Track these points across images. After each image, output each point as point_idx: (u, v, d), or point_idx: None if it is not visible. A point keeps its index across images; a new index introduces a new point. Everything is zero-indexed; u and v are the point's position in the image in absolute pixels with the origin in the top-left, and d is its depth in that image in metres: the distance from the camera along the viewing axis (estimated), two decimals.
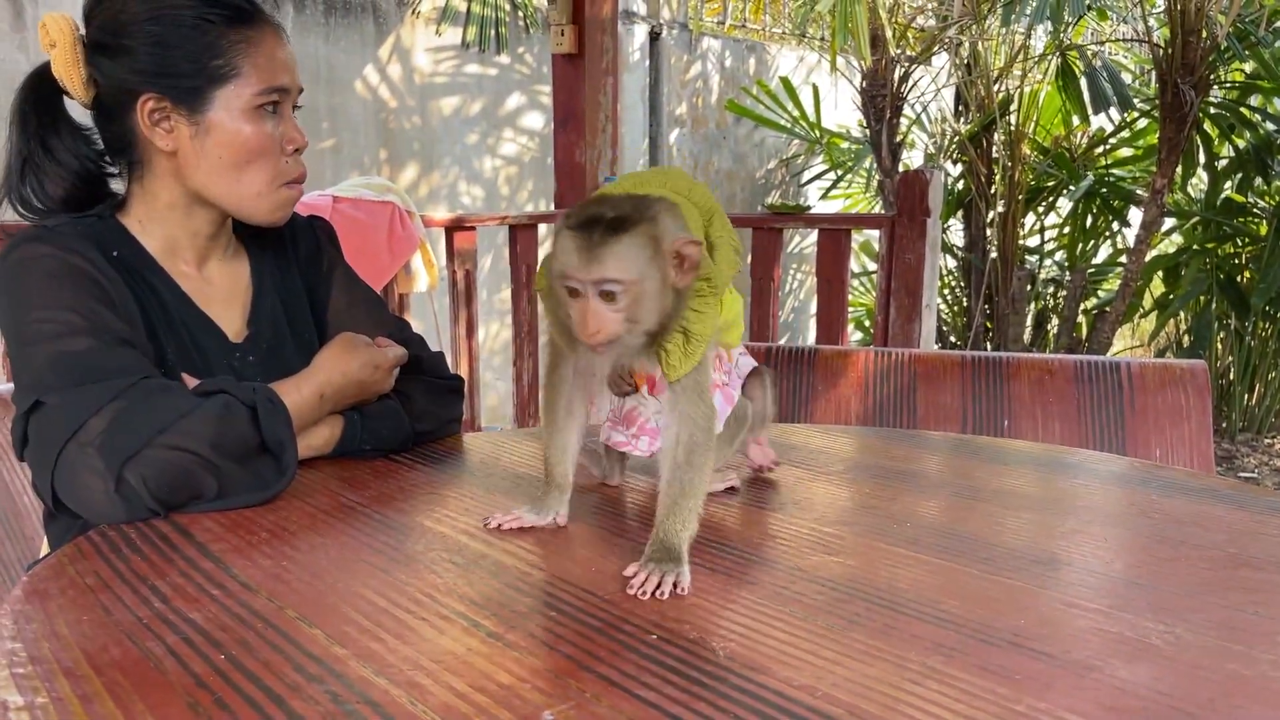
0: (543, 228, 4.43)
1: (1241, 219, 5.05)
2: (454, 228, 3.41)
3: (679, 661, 0.69)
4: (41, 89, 1.16)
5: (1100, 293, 5.73)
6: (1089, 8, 5.00)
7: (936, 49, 5.48)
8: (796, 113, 6.05)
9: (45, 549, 1.19)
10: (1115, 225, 5.58)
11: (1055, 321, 5.64)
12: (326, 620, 0.76)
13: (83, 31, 1.15)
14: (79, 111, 1.19)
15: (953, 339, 5.80)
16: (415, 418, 1.27)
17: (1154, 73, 4.71)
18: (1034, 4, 4.57)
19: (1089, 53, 4.98)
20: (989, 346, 5.47)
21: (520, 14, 5.48)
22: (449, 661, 0.69)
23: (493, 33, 5.26)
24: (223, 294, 1.24)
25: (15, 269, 1.08)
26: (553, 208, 4.08)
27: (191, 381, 1.10)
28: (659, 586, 0.81)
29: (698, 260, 0.86)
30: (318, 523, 0.99)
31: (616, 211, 0.84)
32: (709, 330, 0.90)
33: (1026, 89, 5.46)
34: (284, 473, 1.06)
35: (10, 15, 3.77)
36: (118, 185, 1.22)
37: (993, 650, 0.71)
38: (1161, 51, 4.42)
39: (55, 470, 0.99)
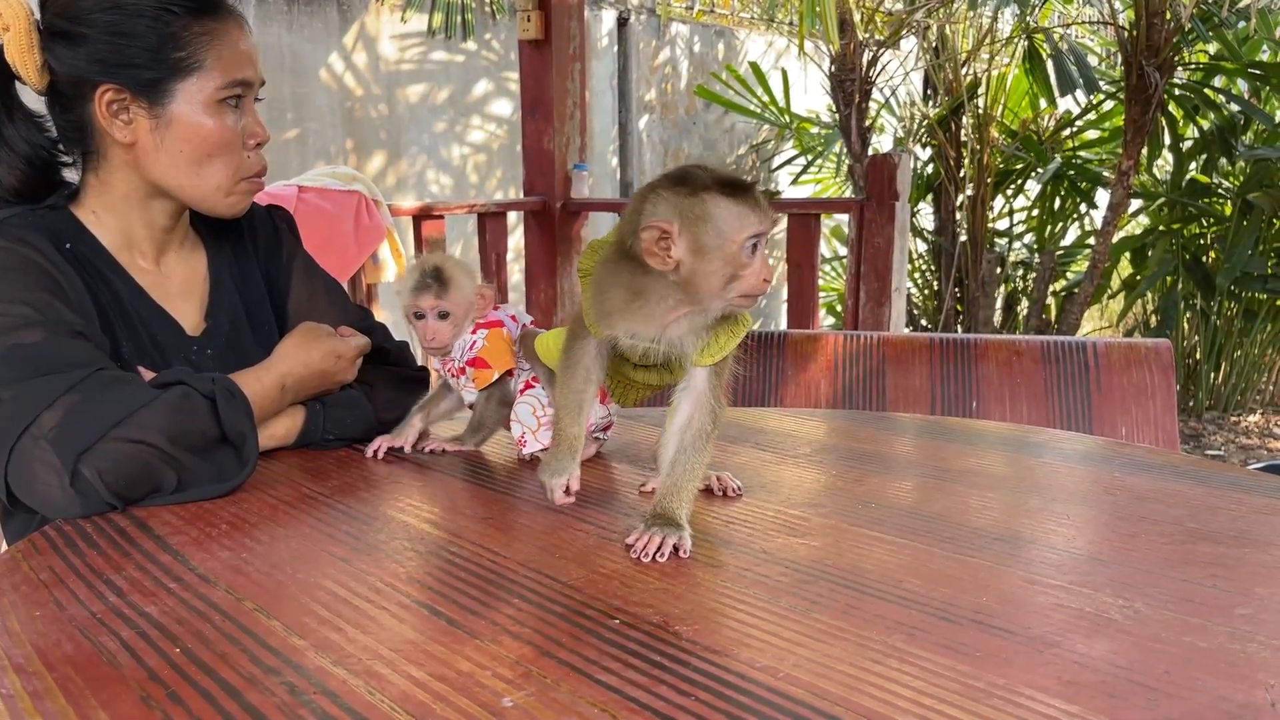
0: (512, 215, 4.40)
1: (1206, 200, 5.10)
2: (422, 216, 3.39)
3: (641, 645, 0.68)
4: None
5: (1069, 274, 5.77)
6: None
7: (904, 33, 5.49)
8: (766, 98, 6.05)
9: (3, 546, 1.17)
10: (1083, 207, 5.62)
11: (1025, 304, 5.68)
12: (285, 611, 0.75)
13: (38, 17, 1.12)
14: (32, 97, 1.16)
15: (924, 322, 5.83)
16: (380, 407, 1.26)
17: (1119, 55, 4.74)
18: None
19: (1055, 36, 4.99)
20: (960, 329, 5.50)
21: None
22: (408, 650, 0.68)
23: (459, 19, 5.22)
24: (179, 287, 1.22)
25: None
26: (522, 195, 4.06)
27: (148, 374, 1.08)
28: (660, 548, 0.85)
29: None
30: (279, 514, 0.97)
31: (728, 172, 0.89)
32: (749, 320, 0.95)
33: (994, 72, 5.47)
34: (245, 464, 1.05)
35: None
36: (71, 174, 1.19)
37: (954, 628, 0.71)
38: (1126, 34, 4.44)
39: (9, 465, 0.97)
